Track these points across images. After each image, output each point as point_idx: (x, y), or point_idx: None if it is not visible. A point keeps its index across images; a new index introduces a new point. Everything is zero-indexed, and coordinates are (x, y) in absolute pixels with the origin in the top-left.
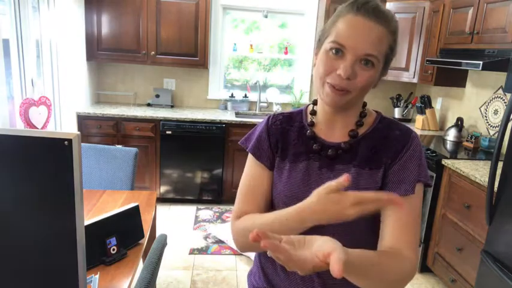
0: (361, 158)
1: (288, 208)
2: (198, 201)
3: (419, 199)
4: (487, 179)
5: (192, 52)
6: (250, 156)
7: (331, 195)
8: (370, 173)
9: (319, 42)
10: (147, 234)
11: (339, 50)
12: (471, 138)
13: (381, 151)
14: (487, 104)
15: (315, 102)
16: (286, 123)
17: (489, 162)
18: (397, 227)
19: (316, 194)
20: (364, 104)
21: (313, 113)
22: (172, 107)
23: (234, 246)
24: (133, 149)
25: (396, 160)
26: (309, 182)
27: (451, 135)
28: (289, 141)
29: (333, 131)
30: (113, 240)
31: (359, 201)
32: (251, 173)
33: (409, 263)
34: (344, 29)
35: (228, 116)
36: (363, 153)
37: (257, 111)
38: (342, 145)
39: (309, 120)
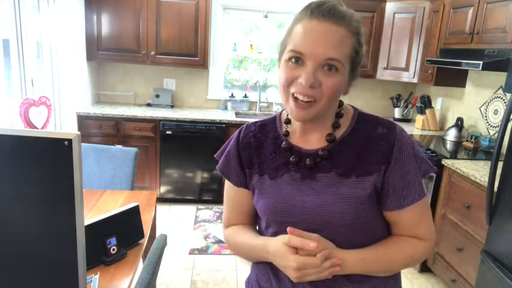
0: (346, 165)
1: (259, 238)
2: (198, 201)
3: (425, 196)
4: (487, 179)
5: (192, 52)
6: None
7: (285, 248)
8: (357, 181)
9: (280, 54)
10: (147, 234)
11: (298, 59)
12: (471, 138)
13: (367, 155)
14: (487, 104)
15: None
16: (261, 133)
17: (489, 162)
18: (413, 223)
19: (280, 239)
20: (341, 103)
21: (288, 121)
22: (172, 107)
23: None
24: (133, 149)
25: (390, 165)
26: (293, 193)
27: (451, 135)
28: (265, 155)
29: (309, 137)
30: (113, 240)
31: (301, 267)
32: (228, 191)
33: (424, 245)
34: (300, 36)
35: (228, 116)
36: (346, 159)
37: (257, 111)
38: (319, 152)
39: (284, 130)
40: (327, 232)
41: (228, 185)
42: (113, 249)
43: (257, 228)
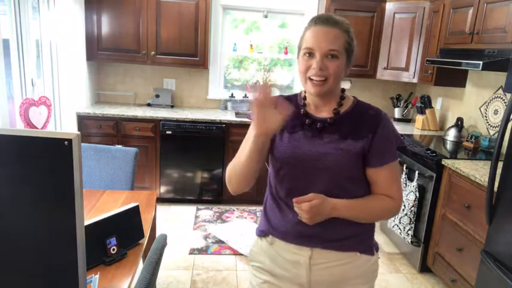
0: (345, 131)
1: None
2: (198, 201)
3: (397, 160)
4: (487, 179)
5: (192, 52)
6: (252, 124)
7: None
8: (352, 142)
9: (298, 51)
10: (147, 234)
11: (310, 53)
12: (471, 138)
13: (360, 126)
14: (487, 104)
15: (305, 92)
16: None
17: (489, 162)
18: (387, 183)
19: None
20: (343, 90)
21: (305, 98)
22: (172, 107)
23: (234, 246)
24: (133, 149)
25: (376, 134)
26: (305, 144)
27: (451, 135)
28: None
29: (321, 109)
30: (113, 240)
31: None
32: (249, 136)
33: (394, 203)
34: (310, 38)
35: (228, 116)
36: (345, 127)
37: None
38: (328, 120)
39: (302, 102)
40: (325, 175)
41: (249, 133)
42: (113, 249)
43: (269, 171)
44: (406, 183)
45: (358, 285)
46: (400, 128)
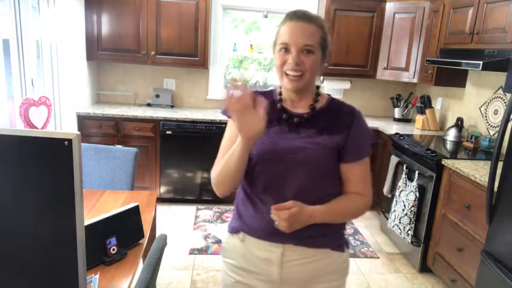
0: (321, 126)
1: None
2: (198, 201)
3: (369, 157)
4: (487, 179)
5: (192, 52)
6: (230, 123)
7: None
8: (328, 137)
9: (273, 47)
10: (147, 234)
11: (286, 48)
12: (471, 138)
13: (336, 122)
14: (487, 104)
15: (281, 87)
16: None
17: (489, 162)
18: (359, 179)
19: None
20: (318, 87)
21: (281, 94)
22: (172, 107)
23: None
24: (133, 149)
25: (350, 130)
26: (281, 141)
27: (451, 135)
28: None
29: (297, 105)
30: (113, 240)
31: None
32: (231, 133)
33: (364, 200)
34: (285, 33)
35: None
36: (321, 123)
37: None
38: (304, 115)
39: (278, 98)
40: (301, 170)
41: (230, 128)
42: (113, 249)
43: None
44: (406, 183)
45: (329, 282)
46: (400, 128)
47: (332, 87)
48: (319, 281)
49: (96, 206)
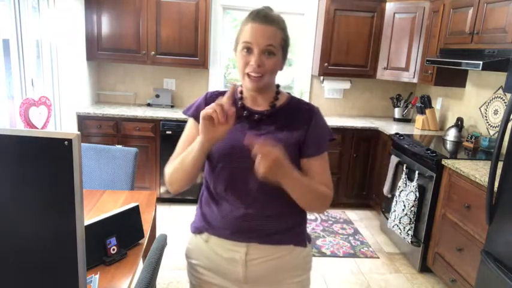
0: (281, 123)
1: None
2: (198, 201)
3: (327, 152)
4: (487, 179)
5: (192, 52)
6: (190, 121)
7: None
8: (288, 133)
9: (235, 47)
10: (147, 234)
11: (248, 48)
12: (471, 138)
13: (295, 119)
14: (487, 104)
15: (242, 86)
16: (221, 96)
17: (489, 162)
18: (320, 173)
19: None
20: (278, 86)
21: (241, 92)
22: (172, 107)
23: None
24: (133, 149)
25: (310, 126)
26: (242, 137)
27: (451, 135)
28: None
29: (257, 103)
30: (113, 240)
31: (204, 115)
32: (190, 133)
33: (328, 192)
34: (248, 33)
35: None
36: (281, 120)
37: None
38: (265, 112)
39: (239, 96)
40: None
41: (190, 128)
42: (113, 249)
43: (206, 167)
44: (406, 183)
45: (294, 277)
46: (400, 128)
47: (332, 87)
48: (283, 276)
49: (96, 206)
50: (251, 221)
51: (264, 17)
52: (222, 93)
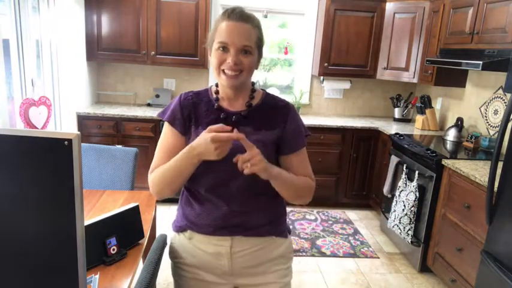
0: (259, 122)
1: (182, 151)
2: None
3: (305, 146)
4: (487, 179)
5: (192, 52)
6: (166, 125)
7: (206, 134)
8: (265, 132)
9: (209, 46)
10: (147, 234)
11: (224, 47)
12: (471, 138)
13: (272, 117)
14: (487, 104)
15: (217, 85)
16: (196, 98)
17: (489, 162)
18: (301, 167)
19: (203, 133)
20: (253, 84)
21: (217, 92)
22: None
23: None
24: (134, 149)
25: (287, 123)
26: None
27: (451, 135)
28: (200, 113)
29: (234, 103)
30: (113, 240)
31: (216, 140)
32: (166, 138)
33: (311, 182)
34: (224, 32)
35: None
36: (259, 119)
37: None
38: (242, 113)
39: (215, 96)
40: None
41: (167, 134)
42: (113, 249)
43: None
44: (406, 183)
45: (276, 266)
46: (400, 128)
47: (332, 87)
48: (267, 266)
49: (96, 206)
50: (233, 218)
51: (239, 15)
52: (197, 94)
